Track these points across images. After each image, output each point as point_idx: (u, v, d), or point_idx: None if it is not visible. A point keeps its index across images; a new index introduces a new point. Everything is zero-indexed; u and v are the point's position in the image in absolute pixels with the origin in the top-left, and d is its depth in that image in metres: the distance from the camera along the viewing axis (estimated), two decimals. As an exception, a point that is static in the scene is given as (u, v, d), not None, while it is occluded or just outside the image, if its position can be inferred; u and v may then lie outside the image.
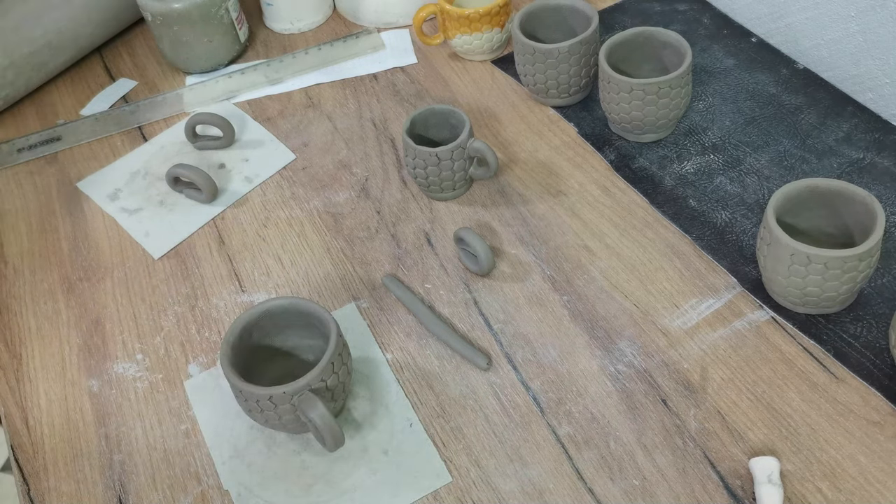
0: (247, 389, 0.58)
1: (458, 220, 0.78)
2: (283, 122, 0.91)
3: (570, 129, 0.84)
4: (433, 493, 0.60)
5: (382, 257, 0.75)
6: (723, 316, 0.67)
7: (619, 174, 0.79)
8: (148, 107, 0.94)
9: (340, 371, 0.60)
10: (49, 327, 0.74)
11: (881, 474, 0.57)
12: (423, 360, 0.68)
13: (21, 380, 0.71)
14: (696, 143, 0.81)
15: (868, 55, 0.83)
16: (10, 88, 0.93)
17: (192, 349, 0.71)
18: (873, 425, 0.60)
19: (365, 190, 0.82)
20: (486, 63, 0.94)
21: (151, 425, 0.66)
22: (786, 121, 0.81)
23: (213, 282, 0.76)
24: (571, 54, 0.81)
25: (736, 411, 0.62)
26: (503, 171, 0.81)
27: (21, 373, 0.71)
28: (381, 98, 0.91)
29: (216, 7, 0.93)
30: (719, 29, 0.92)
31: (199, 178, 0.80)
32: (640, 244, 0.73)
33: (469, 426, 0.63)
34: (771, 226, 0.62)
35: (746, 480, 0.58)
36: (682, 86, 0.76)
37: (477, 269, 0.72)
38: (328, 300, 0.73)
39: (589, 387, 0.64)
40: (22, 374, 0.71)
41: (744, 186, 0.76)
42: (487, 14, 0.89)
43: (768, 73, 0.86)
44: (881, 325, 0.65)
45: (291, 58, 0.98)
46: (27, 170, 0.90)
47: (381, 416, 0.64)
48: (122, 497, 0.62)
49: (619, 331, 0.67)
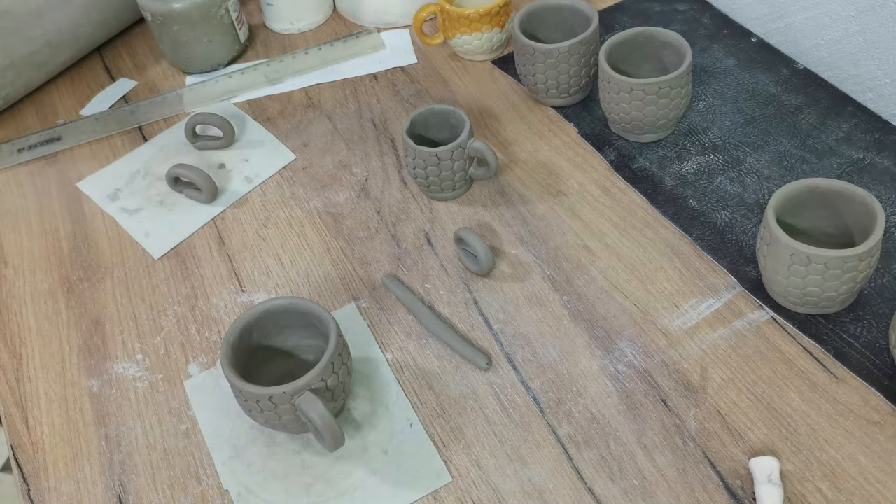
0: (247, 389, 0.58)
1: (458, 220, 0.78)
2: (283, 122, 0.91)
3: (570, 129, 0.84)
4: (433, 493, 0.60)
5: (382, 257, 0.75)
6: (723, 316, 0.67)
7: (619, 174, 0.79)
8: (148, 107, 0.94)
9: (340, 371, 0.60)
10: (49, 327, 0.74)
11: (881, 474, 0.57)
12: (423, 360, 0.68)
13: (21, 380, 0.71)
14: (696, 143, 0.81)
15: (868, 55, 0.83)
16: (10, 88, 0.93)
17: (192, 349, 0.71)
18: (873, 425, 0.60)
19: (365, 190, 0.82)
20: (486, 63, 0.94)
21: (151, 425, 0.66)
22: (786, 121, 0.81)
23: (213, 282, 0.76)
24: (571, 54, 0.81)
25: (736, 411, 0.62)
26: (503, 171, 0.81)
27: (21, 373, 0.71)
28: (381, 98, 0.91)
29: (216, 7, 0.93)
30: (719, 29, 0.92)
31: (199, 178, 0.80)
32: (640, 244, 0.73)
33: (469, 426, 0.63)
34: (771, 226, 0.62)
35: (746, 480, 0.58)
36: (682, 86, 0.76)
37: (477, 269, 0.72)
38: (328, 300, 0.73)
39: (589, 387, 0.64)
40: (22, 374, 0.71)
41: (744, 186, 0.76)
42: (487, 14, 0.89)
43: (768, 73, 0.86)
44: (881, 325, 0.65)
45: (291, 58, 0.98)
46: (27, 170, 0.90)
47: (381, 416, 0.64)
48: (122, 497, 0.62)
49: (619, 331, 0.67)
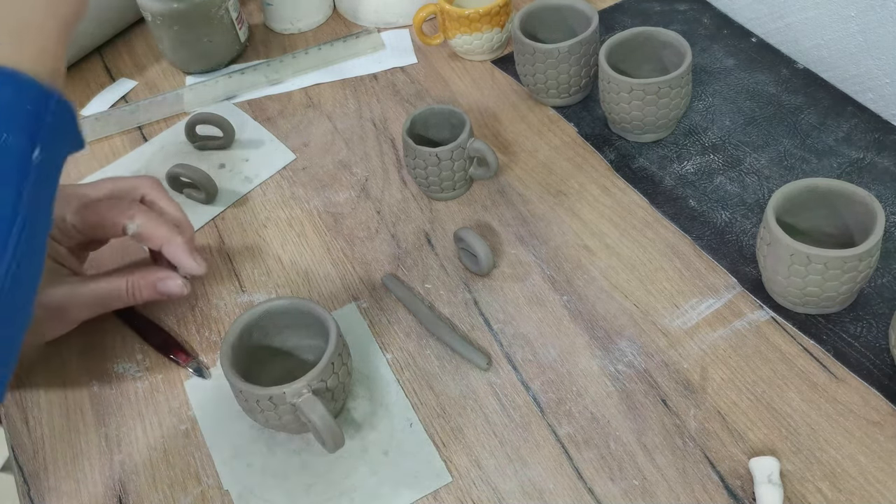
0: (247, 389, 0.58)
1: (458, 220, 0.78)
2: (283, 122, 0.91)
3: (570, 129, 0.84)
4: (433, 493, 0.60)
5: (382, 257, 0.75)
6: (723, 316, 0.67)
7: (619, 174, 0.79)
8: (148, 107, 0.94)
9: (340, 371, 0.60)
10: (49, 327, 0.74)
11: (881, 474, 0.57)
12: (423, 360, 0.68)
13: (21, 380, 0.71)
14: (696, 143, 0.81)
15: (868, 55, 0.83)
16: (10, 88, 0.93)
17: (192, 349, 0.71)
18: (873, 425, 0.60)
19: (365, 190, 0.82)
20: (486, 63, 0.94)
21: (151, 425, 0.66)
22: (786, 121, 0.81)
23: (213, 282, 0.76)
24: (571, 54, 0.81)
25: (736, 411, 0.62)
26: (503, 171, 0.81)
27: (21, 373, 0.71)
28: (381, 98, 0.91)
29: (216, 7, 0.93)
30: (719, 29, 0.92)
31: (199, 178, 0.80)
32: (640, 244, 0.73)
33: (469, 426, 0.63)
34: (771, 226, 0.62)
35: (746, 480, 0.58)
36: (682, 86, 0.76)
37: (477, 269, 0.72)
38: (328, 300, 0.73)
39: (589, 387, 0.64)
40: (22, 374, 0.71)
41: (744, 186, 0.76)
42: (487, 14, 0.89)
43: (768, 73, 0.86)
44: (881, 325, 0.65)
45: (291, 58, 0.97)
46: (27, 170, 0.90)
47: (381, 416, 0.64)
48: (122, 497, 0.62)
49: (619, 331, 0.67)
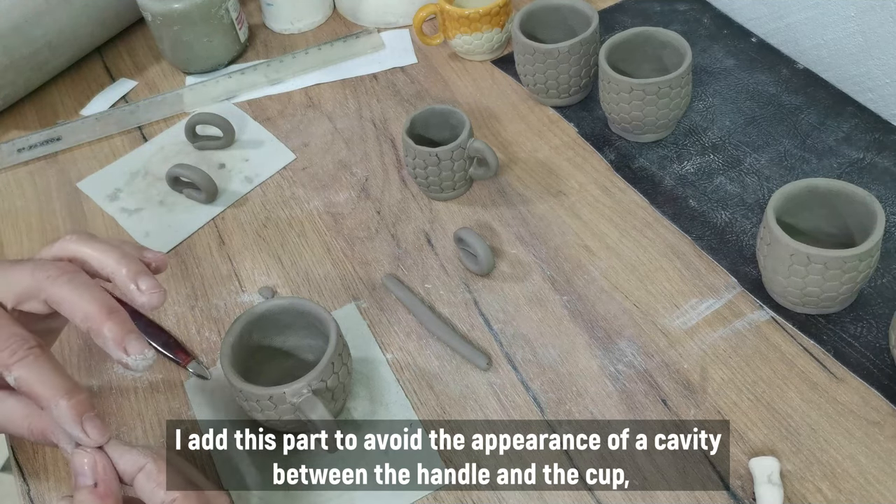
0: (247, 389, 0.58)
1: (458, 220, 0.78)
2: (283, 122, 0.91)
3: (570, 129, 0.84)
4: (433, 493, 0.60)
5: (382, 257, 0.75)
6: (723, 316, 0.67)
7: (619, 174, 0.79)
8: (148, 107, 0.94)
9: (340, 371, 0.60)
10: (49, 327, 0.74)
11: (881, 474, 0.57)
12: (423, 360, 0.68)
13: (21, 380, 0.71)
14: (696, 143, 0.81)
15: (868, 55, 0.83)
16: (10, 88, 0.93)
17: (192, 349, 0.71)
18: (873, 425, 0.60)
19: (365, 190, 0.82)
20: (486, 63, 0.94)
21: (151, 425, 0.66)
22: (786, 121, 0.81)
23: (213, 282, 0.76)
24: (571, 54, 0.81)
25: (736, 411, 0.62)
26: (503, 171, 0.81)
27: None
28: (381, 98, 0.91)
29: (216, 7, 0.93)
30: (719, 29, 0.92)
31: (199, 178, 0.80)
32: (640, 244, 0.73)
33: (469, 426, 0.63)
34: (771, 226, 0.62)
35: (746, 480, 0.58)
36: (682, 86, 0.76)
37: (477, 269, 0.72)
38: (328, 300, 0.73)
39: (589, 387, 0.64)
40: (22, 374, 0.71)
41: (744, 186, 0.76)
42: (487, 14, 0.89)
43: (768, 73, 0.86)
44: (881, 325, 0.65)
45: (291, 58, 0.97)
46: (27, 170, 0.90)
47: (381, 416, 0.64)
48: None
49: (619, 331, 0.67)
